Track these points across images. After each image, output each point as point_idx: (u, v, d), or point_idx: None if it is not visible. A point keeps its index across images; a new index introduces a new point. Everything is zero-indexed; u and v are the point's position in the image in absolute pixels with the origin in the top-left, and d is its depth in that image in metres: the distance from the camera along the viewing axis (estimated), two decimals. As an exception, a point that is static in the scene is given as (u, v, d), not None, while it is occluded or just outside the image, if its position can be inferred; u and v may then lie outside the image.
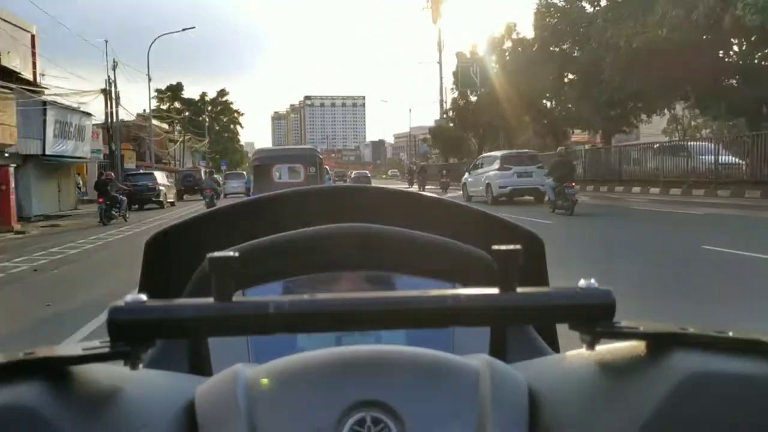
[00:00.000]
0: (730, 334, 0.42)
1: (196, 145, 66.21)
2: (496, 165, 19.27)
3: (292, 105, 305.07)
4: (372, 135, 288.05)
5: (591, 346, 0.44)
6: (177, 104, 77.14)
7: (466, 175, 22.17)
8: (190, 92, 77.84)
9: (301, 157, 10.85)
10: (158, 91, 76.25)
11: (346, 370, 0.43)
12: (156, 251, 0.86)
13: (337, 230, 0.71)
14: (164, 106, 76.81)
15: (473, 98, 45.12)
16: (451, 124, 49.37)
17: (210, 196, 20.54)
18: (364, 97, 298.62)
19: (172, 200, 29.11)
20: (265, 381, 0.43)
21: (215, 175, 25.13)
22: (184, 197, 36.24)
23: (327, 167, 28.17)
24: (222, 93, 78.95)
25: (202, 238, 0.84)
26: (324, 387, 0.42)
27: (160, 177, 28.58)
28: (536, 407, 0.42)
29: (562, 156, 14.82)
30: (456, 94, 46.99)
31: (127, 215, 19.92)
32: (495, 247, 0.45)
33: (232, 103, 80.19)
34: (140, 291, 0.42)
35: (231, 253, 0.43)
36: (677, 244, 9.17)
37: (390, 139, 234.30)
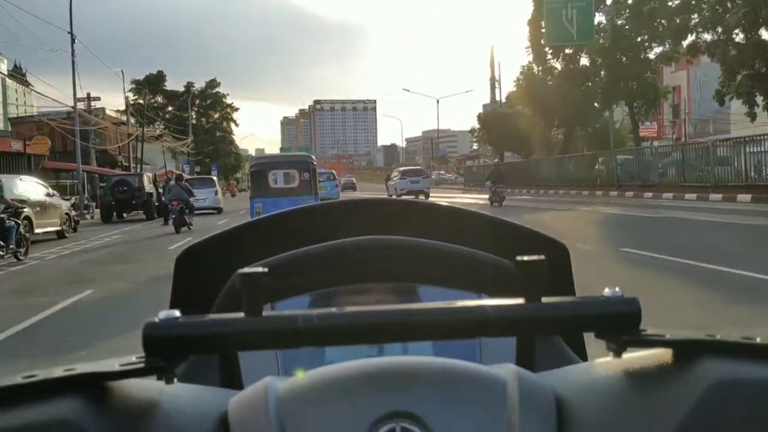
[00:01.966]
0: (758, 340, 0.42)
1: (174, 144, 53.34)
2: (399, 176, 31.45)
3: (301, 110, 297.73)
4: (383, 139, 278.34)
5: (618, 354, 0.44)
6: (159, 98, 64.88)
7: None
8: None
9: (296, 163, 11.63)
10: (135, 82, 64.05)
11: (375, 382, 0.43)
12: (186, 267, 0.88)
13: (363, 242, 0.73)
14: (142, 100, 64.70)
15: (556, 65, 32.49)
16: (508, 110, 36.86)
17: (177, 210, 15.82)
18: (375, 101, 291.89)
19: (57, 227, 16.03)
20: (300, 374, 0.45)
21: (185, 182, 17.97)
22: (122, 215, 24.15)
23: (334, 172, 31.62)
24: (212, 84, 66.23)
25: (231, 252, 0.85)
26: (353, 399, 0.42)
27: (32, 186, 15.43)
28: (564, 416, 0.42)
29: (497, 166, 24.37)
30: (530, 56, 34.01)
31: None
32: (519, 258, 0.45)
33: (224, 95, 67.42)
34: (172, 306, 0.42)
35: (260, 269, 0.44)
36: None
37: (401, 144, 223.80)
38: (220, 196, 26.29)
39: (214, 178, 28.10)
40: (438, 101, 62.36)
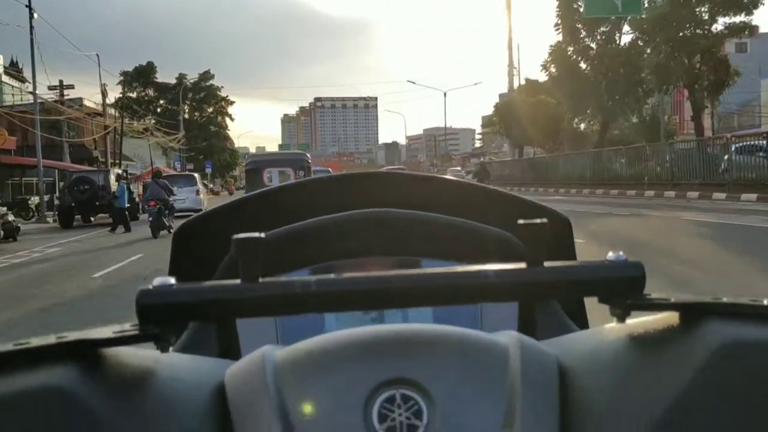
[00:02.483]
0: (765, 302, 0.41)
1: (164, 140, 49.44)
2: None
3: (302, 107, 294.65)
4: (384, 137, 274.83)
5: (622, 319, 0.43)
6: (150, 91, 60.99)
7: None
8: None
9: (291, 161, 11.60)
10: (124, 74, 60.13)
11: (375, 349, 0.43)
12: (183, 241, 0.88)
13: (362, 215, 0.73)
14: (132, 93, 60.79)
15: (591, 44, 28.03)
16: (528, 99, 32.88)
17: (155, 212, 13.73)
18: (376, 99, 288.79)
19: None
20: (305, 344, 0.44)
21: (163, 179, 15.26)
22: (88, 219, 20.26)
23: (330, 170, 30.17)
24: (205, 76, 62.28)
25: (229, 227, 0.85)
26: (353, 366, 0.42)
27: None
28: (567, 383, 0.42)
29: (482, 164, 28.33)
30: (560, 35, 29.60)
31: None
32: (521, 221, 0.44)
33: (218, 88, 63.46)
34: (169, 275, 0.43)
35: (257, 235, 0.43)
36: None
37: (402, 141, 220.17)
38: (202, 196, 22.52)
39: (195, 175, 24.09)
40: (445, 94, 58.48)
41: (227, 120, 64.94)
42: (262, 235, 0.43)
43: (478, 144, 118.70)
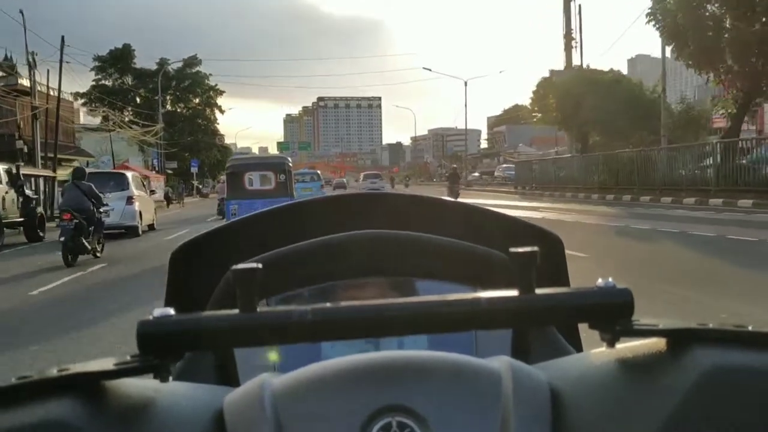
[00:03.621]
0: (750, 328, 0.42)
1: (135, 133, 41.97)
2: (362, 178, 40.57)
3: (305, 107, 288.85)
4: (388, 138, 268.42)
5: (611, 344, 0.44)
6: (129, 80, 53.60)
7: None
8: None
9: (272, 165, 11.60)
10: (98, 58, 52.69)
11: (371, 376, 0.44)
12: (180, 263, 0.88)
13: (356, 237, 0.74)
14: (108, 82, 53.39)
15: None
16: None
17: (71, 228, 9.46)
18: (380, 98, 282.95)
19: None
20: (302, 372, 0.45)
21: (85, 181, 10.26)
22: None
23: (318, 172, 30.14)
24: (191, 62, 54.73)
25: (226, 248, 0.86)
26: (349, 393, 0.42)
27: None
28: (559, 407, 0.42)
29: (453, 170, 26.37)
30: None
31: None
32: (512, 249, 0.45)
33: (206, 76, 55.94)
34: (167, 303, 0.43)
35: (255, 265, 0.44)
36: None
37: (406, 142, 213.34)
38: (137, 206, 14.81)
39: (128, 174, 16.10)
40: (466, 83, 51.28)
41: (217, 113, 57.48)
42: (260, 265, 0.43)
43: (484, 145, 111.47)
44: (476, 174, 59.90)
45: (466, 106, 51.19)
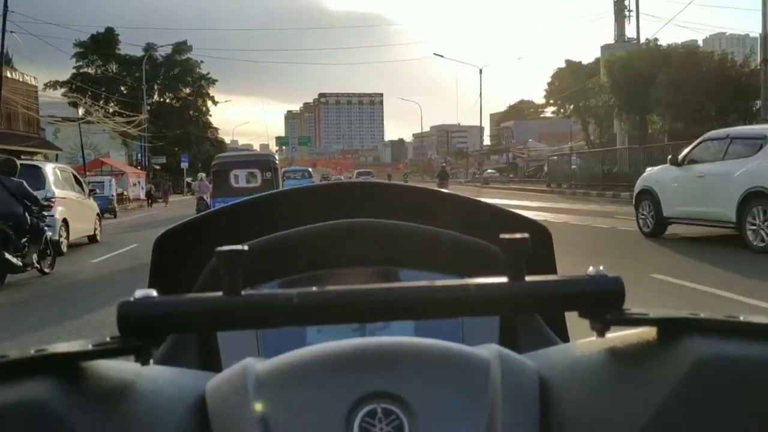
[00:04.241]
0: (741, 318, 0.42)
1: (114, 124, 37.64)
2: (355, 175, 39.44)
3: (306, 103, 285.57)
4: (390, 135, 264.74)
5: (601, 333, 0.44)
6: (114, 67, 49.25)
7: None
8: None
9: (258, 162, 11.82)
10: (79, 44, 48.35)
11: (356, 362, 0.43)
12: (165, 249, 0.87)
13: (347, 226, 0.74)
14: (91, 69, 49.06)
15: None
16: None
17: None
18: (381, 95, 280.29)
19: None
20: (286, 357, 0.44)
21: (18, 179, 7.89)
22: None
23: (309, 170, 30.44)
24: (180, 47, 50.34)
25: (211, 235, 0.85)
26: (334, 379, 0.42)
27: None
28: (547, 396, 0.42)
29: (443, 168, 30.52)
30: None
31: None
32: (503, 235, 0.44)
33: (197, 64, 51.55)
34: (149, 287, 0.43)
35: (240, 247, 0.43)
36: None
37: (408, 139, 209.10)
38: (59, 212, 10.38)
39: (45, 167, 11.02)
40: (481, 71, 47.08)
41: (209, 104, 53.12)
42: (245, 247, 0.43)
43: (487, 141, 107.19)
44: (491, 171, 54.98)
45: (481, 96, 47.01)
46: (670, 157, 9.63)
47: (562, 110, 42.78)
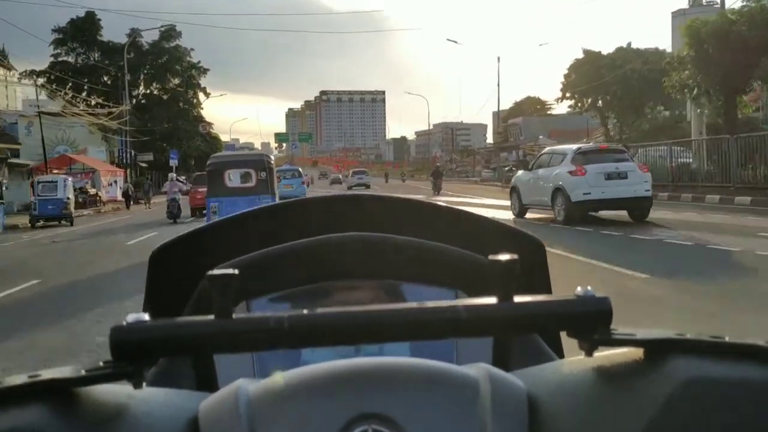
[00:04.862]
0: (726, 339, 0.42)
1: (90, 117, 33.52)
2: (351, 174, 44.64)
3: (307, 101, 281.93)
4: (391, 132, 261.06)
5: (589, 353, 0.44)
6: (95, 55, 45.16)
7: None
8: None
9: (252, 162, 11.54)
10: (58, 30, 44.27)
11: (348, 383, 0.43)
12: (159, 265, 0.87)
13: (341, 239, 0.75)
14: (70, 57, 44.98)
15: None
16: None
17: None
18: (383, 92, 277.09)
19: None
20: (279, 378, 0.44)
21: None
22: None
23: (299, 169, 29.55)
24: (168, 33, 46.13)
25: (206, 250, 0.86)
26: (326, 400, 0.42)
27: None
28: (536, 414, 0.43)
29: (437, 167, 35.58)
30: None
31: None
32: (492, 257, 0.45)
33: (187, 52, 47.36)
34: (145, 304, 0.43)
35: (230, 271, 0.44)
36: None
37: (410, 137, 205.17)
38: None
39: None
40: (499, 59, 43.33)
41: (201, 96, 48.95)
42: (236, 271, 0.43)
43: (490, 139, 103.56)
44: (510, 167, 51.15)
45: (498, 85, 43.29)
46: (522, 161, 15.24)
47: (579, 104, 38.84)
